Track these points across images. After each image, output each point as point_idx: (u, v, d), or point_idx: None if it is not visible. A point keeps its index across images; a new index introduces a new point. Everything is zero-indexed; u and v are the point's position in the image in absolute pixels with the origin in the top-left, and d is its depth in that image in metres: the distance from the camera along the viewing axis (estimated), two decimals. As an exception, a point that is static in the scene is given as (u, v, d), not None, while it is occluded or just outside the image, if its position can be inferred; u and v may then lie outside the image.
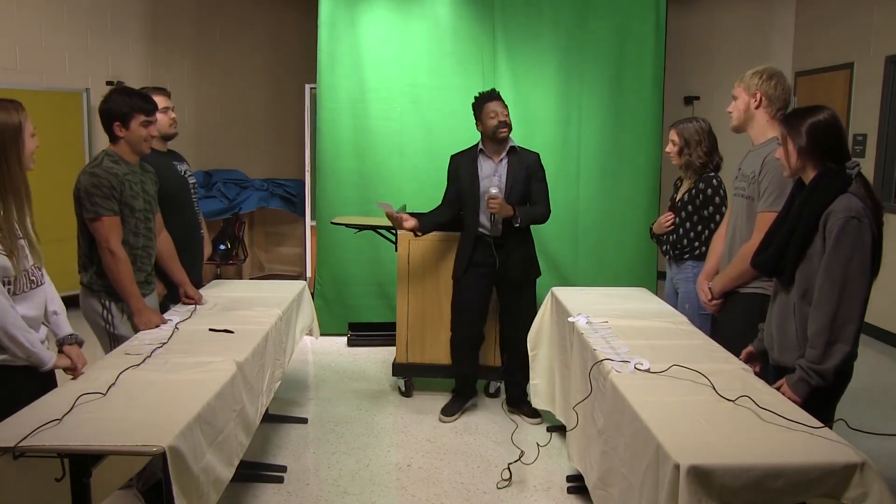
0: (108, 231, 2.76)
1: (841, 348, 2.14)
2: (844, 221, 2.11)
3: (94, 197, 2.74)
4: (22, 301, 2.22)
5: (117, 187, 2.79)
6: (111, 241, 2.77)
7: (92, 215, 2.76)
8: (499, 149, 3.72)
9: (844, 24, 5.99)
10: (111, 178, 2.78)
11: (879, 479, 1.74)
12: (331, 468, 3.29)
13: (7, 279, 2.16)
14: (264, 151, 7.28)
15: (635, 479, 2.02)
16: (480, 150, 3.73)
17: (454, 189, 3.79)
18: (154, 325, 2.81)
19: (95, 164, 2.83)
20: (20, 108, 2.20)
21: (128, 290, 2.80)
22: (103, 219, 2.76)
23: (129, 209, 2.86)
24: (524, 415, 3.86)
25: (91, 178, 2.76)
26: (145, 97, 2.93)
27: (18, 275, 2.19)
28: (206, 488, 2.04)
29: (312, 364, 4.84)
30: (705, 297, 3.00)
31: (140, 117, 2.86)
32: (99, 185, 2.75)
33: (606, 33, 5.31)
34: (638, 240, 5.45)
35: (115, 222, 2.80)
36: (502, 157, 3.72)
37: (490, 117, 3.64)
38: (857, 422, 2.11)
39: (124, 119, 2.85)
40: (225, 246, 6.54)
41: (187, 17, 6.81)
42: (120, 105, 2.85)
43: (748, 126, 2.87)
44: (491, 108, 3.65)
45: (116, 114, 2.84)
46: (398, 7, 5.21)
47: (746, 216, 2.80)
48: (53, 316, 2.41)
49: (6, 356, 2.16)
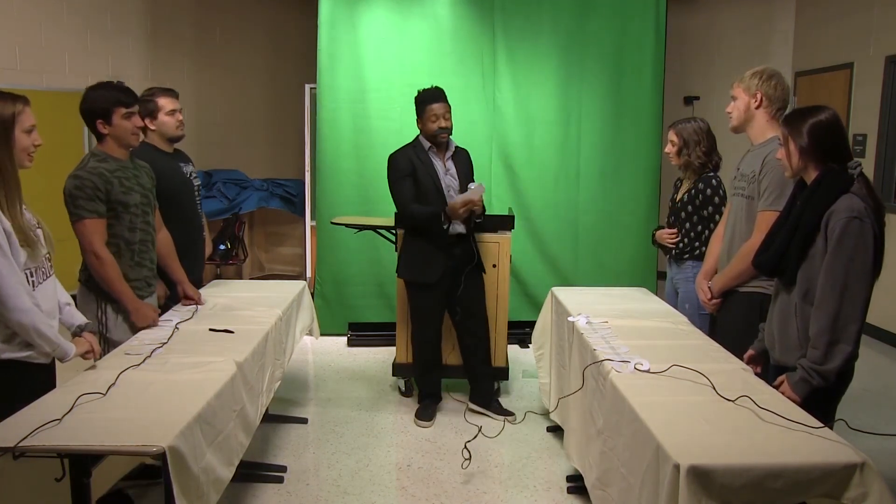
0: (90, 234, 2.73)
1: (843, 349, 2.14)
2: (847, 221, 2.11)
3: (77, 199, 2.71)
4: (40, 293, 2.25)
5: (102, 187, 2.74)
6: (95, 244, 2.73)
7: (75, 218, 2.73)
8: (444, 148, 3.70)
9: (844, 24, 5.99)
10: (94, 179, 2.74)
11: (879, 479, 1.74)
12: (331, 468, 3.29)
13: (30, 270, 2.19)
14: (264, 151, 7.28)
15: (635, 480, 2.02)
16: (430, 147, 3.66)
17: (413, 184, 3.61)
18: (151, 321, 2.79)
19: (80, 166, 2.80)
20: (17, 102, 2.18)
21: (118, 289, 2.77)
22: (85, 221, 2.72)
23: (123, 205, 2.82)
24: (493, 411, 3.80)
25: (74, 181, 2.73)
26: (123, 89, 2.87)
27: (35, 267, 2.21)
28: (206, 488, 2.04)
29: (312, 364, 4.84)
30: (705, 296, 3.00)
31: (121, 110, 2.80)
32: (82, 186, 2.71)
33: (606, 33, 5.31)
34: (638, 240, 5.45)
35: (99, 224, 2.76)
36: (448, 157, 3.70)
37: (431, 121, 3.57)
38: (857, 422, 2.11)
39: (105, 115, 2.79)
40: (225, 246, 6.54)
41: (187, 17, 6.81)
42: (98, 101, 2.80)
43: (748, 126, 2.88)
44: (434, 110, 3.56)
45: (97, 111, 2.79)
46: (398, 7, 5.21)
47: (746, 215, 2.80)
48: (67, 307, 2.44)
49: (31, 352, 2.17)
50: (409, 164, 3.61)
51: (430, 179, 3.61)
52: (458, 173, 3.70)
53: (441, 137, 3.60)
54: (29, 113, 2.21)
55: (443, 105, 3.59)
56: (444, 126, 3.57)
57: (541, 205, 5.39)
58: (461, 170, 3.72)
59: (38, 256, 2.21)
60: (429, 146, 3.66)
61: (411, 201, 3.60)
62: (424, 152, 3.66)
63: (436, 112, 3.56)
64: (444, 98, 3.61)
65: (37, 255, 2.21)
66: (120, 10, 6.32)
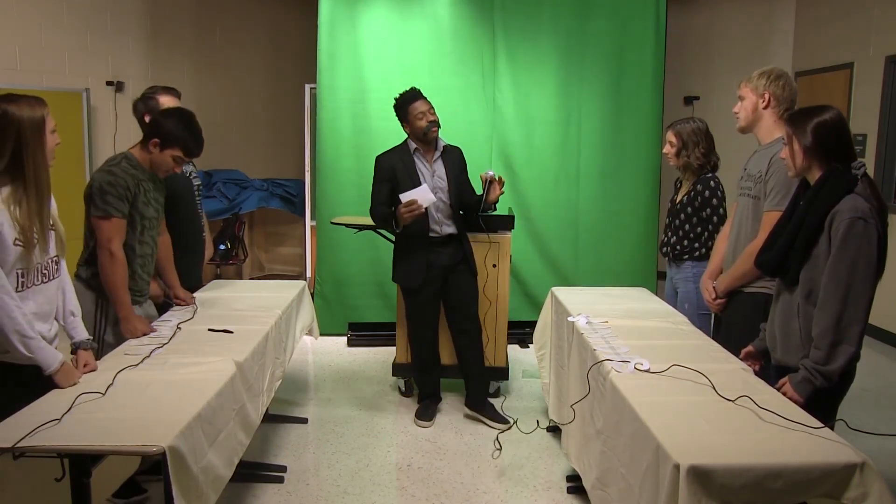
0: (112, 231, 2.72)
1: (846, 349, 2.13)
2: (850, 222, 2.10)
3: (107, 195, 2.70)
4: (32, 295, 2.23)
5: (132, 190, 2.75)
6: (113, 243, 2.72)
7: (101, 213, 2.70)
8: (431, 148, 3.68)
9: (844, 24, 5.99)
10: (128, 180, 2.74)
11: (879, 479, 1.74)
12: (331, 468, 3.29)
13: (21, 271, 2.17)
14: (264, 151, 7.28)
15: (634, 480, 2.02)
16: (416, 149, 3.65)
17: (389, 189, 3.60)
18: (140, 335, 2.71)
19: (114, 163, 2.79)
20: (43, 105, 2.24)
21: (119, 294, 2.74)
22: (112, 219, 2.71)
23: (140, 216, 2.82)
24: (490, 419, 3.78)
25: (108, 176, 2.72)
26: (198, 141, 2.87)
27: (31, 268, 2.20)
28: (206, 488, 2.04)
29: (312, 364, 4.84)
30: (710, 295, 2.99)
31: (178, 152, 2.81)
32: (115, 183, 2.71)
33: (606, 33, 5.31)
34: (638, 240, 5.46)
35: (122, 225, 2.75)
36: (436, 158, 3.68)
37: (418, 118, 3.55)
38: (857, 422, 2.11)
39: (165, 143, 2.79)
40: (225, 246, 6.54)
41: (187, 17, 6.81)
42: (173, 131, 2.79)
43: (755, 126, 2.86)
44: (417, 108, 3.56)
45: (164, 134, 2.78)
46: (398, 7, 5.21)
47: (752, 215, 2.79)
48: (70, 317, 2.42)
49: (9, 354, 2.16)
50: (390, 167, 3.62)
51: (410, 183, 3.57)
52: (448, 174, 3.68)
53: (432, 133, 3.59)
54: (50, 114, 2.26)
55: (424, 101, 3.59)
56: (432, 120, 3.57)
57: (541, 205, 5.39)
58: (451, 170, 3.69)
59: (31, 258, 2.20)
60: (414, 148, 3.65)
61: (380, 204, 3.62)
62: (409, 155, 3.65)
63: (420, 109, 3.56)
64: (423, 96, 3.63)
65: (31, 258, 2.20)
66: (120, 10, 6.32)
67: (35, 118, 2.18)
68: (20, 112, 2.15)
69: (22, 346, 2.12)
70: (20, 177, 2.15)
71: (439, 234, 3.68)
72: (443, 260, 3.69)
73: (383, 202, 3.62)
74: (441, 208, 3.68)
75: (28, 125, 2.15)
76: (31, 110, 2.17)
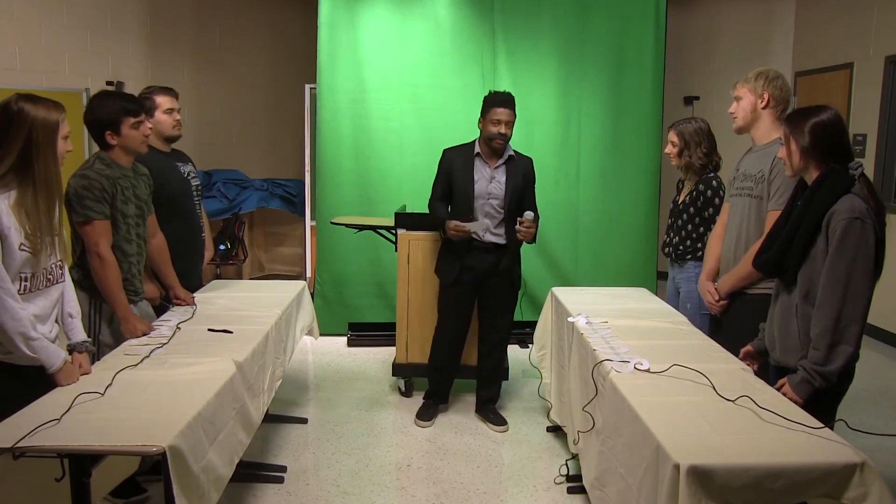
0: (98, 235, 2.69)
1: (844, 349, 2.13)
2: (848, 222, 2.10)
3: (84, 200, 2.67)
4: (36, 298, 2.23)
5: (109, 190, 2.72)
6: (101, 246, 2.69)
7: (82, 218, 2.68)
8: (495, 155, 3.60)
9: (844, 24, 5.99)
10: (103, 181, 2.71)
11: (879, 479, 1.74)
12: (331, 468, 3.29)
13: (25, 275, 2.17)
14: (264, 151, 7.28)
15: (633, 480, 2.02)
16: (477, 153, 3.60)
17: (447, 184, 3.64)
18: (140, 334, 2.71)
19: (87, 166, 2.76)
20: (61, 109, 2.26)
21: (115, 296, 2.72)
22: (94, 222, 2.69)
23: (122, 214, 2.79)
24: (490, 422, 3.78)
25: (82, 181, 2.69)
26: (128, 97, 2.85)
27: (37, 272, 2.20)
28: (207, 487, 2.04)
29: (312, 364, 4.84)
30: (711, 297, 2.97)
31: (129, 119, 2.77)
32: (90, 187, 2.68)
33: (606, 33, 5.31)
34: (638, 240, 5.45)
35: (106, 226, 2.73)
36: (499, 164, 3.60)
37: (493, 123, 3.47)
38: (857, 422, 2.11)
39: (114, 125, 2.76)
40: (225, 246, 6.54)
41: (187, 17, 6.81)
42: (107, 112, 2.76)
43: (753, 127, 2.86)
44: (498, 114, 3.46)
45: (105, 122, 2.76)
46: (398, 7, 5.21)
47: (756, 216, 2.77)
48: (69, 319, 2.41)
49: (11, 355, 2.16)
50: (449, 163, 3.63)
51: (464, 183, 3.56)
52: (507, 182, 3.58)
53: (495, 143, 3.51)
54: (66, 121, 2.27)
55: (508, 112, 3.48)
56: (502, 132, 3.47)
57: (541, 205, 5.36)
58: (512, 179, 3.58)
59: (37, 264, 2.20)
60: (478, 151, 3.60)
61: (436, 198, 3.70)
62: (471, 156, 3.60)
63: (499, 116, 3.46)
64: (512, 105, 3.51)
65: (37, 263, 2.19)
66: (120, 10, 6.32)
67: (49, 120, 2.19)
68: (35, 112, 2.16)
69: (25, 347, 2.13)
70: (29, 179, 2.15)
71: (481, 240, 3.62)
72: (480, 265, 3.63)
73: (439, 197, 3.68)
74: (490, 214, 3.60)
75: (41, 126, 2.16)
76: (46, 112, 2.19)
